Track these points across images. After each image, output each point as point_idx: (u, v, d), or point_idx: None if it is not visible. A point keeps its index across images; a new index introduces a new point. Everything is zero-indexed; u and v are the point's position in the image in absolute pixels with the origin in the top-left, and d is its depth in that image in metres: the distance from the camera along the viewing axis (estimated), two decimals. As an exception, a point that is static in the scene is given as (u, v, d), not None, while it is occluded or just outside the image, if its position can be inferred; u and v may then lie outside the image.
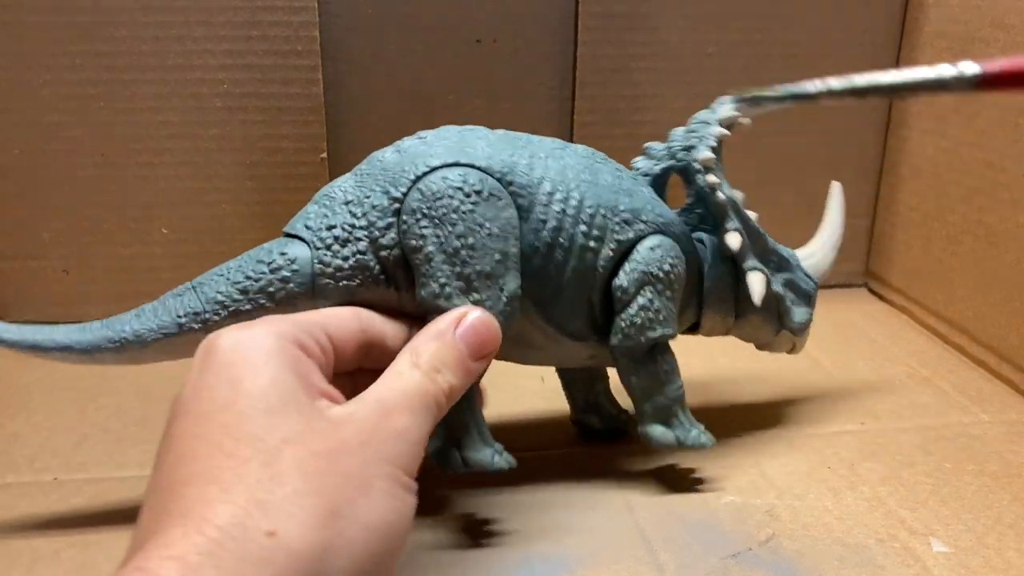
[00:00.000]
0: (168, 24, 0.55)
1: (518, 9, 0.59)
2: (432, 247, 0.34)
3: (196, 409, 0.27)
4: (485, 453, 0.35)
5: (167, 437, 0.27)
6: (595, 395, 0.45)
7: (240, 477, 0.24)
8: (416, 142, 0.36)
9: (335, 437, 0.27)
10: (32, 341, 0.36)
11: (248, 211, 0.59)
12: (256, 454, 0.25)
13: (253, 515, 0.23)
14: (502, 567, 0.35)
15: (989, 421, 0.49)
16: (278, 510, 0.24)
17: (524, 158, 0.36)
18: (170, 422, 0.28)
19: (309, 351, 0.30)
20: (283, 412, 0.26)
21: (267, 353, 0.28)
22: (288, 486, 0.25)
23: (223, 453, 0.25)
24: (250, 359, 0.28)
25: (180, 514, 0.23)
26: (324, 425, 0.27)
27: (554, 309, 0.37)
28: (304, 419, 0.27)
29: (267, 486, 0.24)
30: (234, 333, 0.29)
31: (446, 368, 0.31)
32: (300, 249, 0.35)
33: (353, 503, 0.26)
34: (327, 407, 0.28)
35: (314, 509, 0.25)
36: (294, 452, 0.26)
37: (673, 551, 0.36)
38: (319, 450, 0.26)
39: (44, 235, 0.59)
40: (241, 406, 0.26)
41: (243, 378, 0.27)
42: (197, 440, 0.26)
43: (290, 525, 0.24)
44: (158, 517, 0.24)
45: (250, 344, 0.28)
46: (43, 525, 0.38)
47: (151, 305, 0.36)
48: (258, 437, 0.26)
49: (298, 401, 0.27)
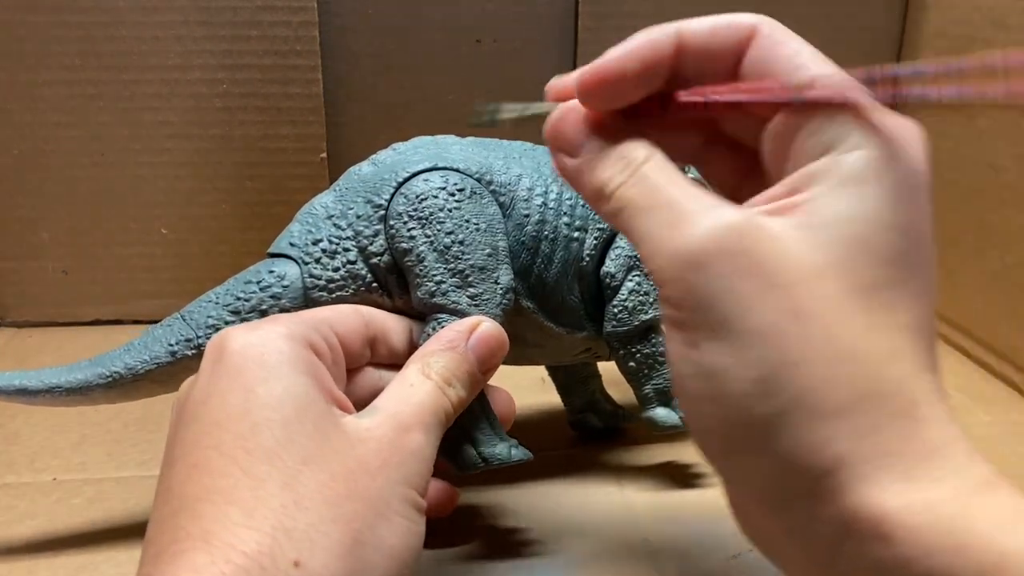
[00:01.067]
0: (168, 24, 0.55)
1: (518, 9, 0.59)
2: (423, 247, 0.34)
3: (208, 417, 0.26)
4: (502, 447, 0.35)
5: (177, 442, 0.27)
6: (591, 393, 0.45)
7: (261, 500, 0.24)
8: (391, 153, 0.37)
9: (354, 457, 0.26)
10: (19, 386, 0.35)
11: (248, 211, 0.59)
12: (275, 473, 0.25)
13: (280, 543, 0.23)
14: (502, 568, 0.35)
15: (990, 422, 0.49)
16: (302, 539, 0.24)
17: (499, 159, 0.37)
18: (178, 424, 0.28)
19: (320, 352, 0.29)
20: (299, 423, 0.26)
21: (280, 357, 0.27)
22: (312, 512, 0.24)
23: (240, 469, 0.25)
24: (263, 364, 0.27)
25: (202, 536, 0.23)
26: (343, 442, 0.27)
27: (546, 303, 0.38)
28: (322, 434, 0.26)
29: (291, 512, 0.24)
30: (244, 335, 0.28)
31: (457, 381, 0.31)
32: (288, 267, 0.35)
33: (374, 529, 0.25)
34: (341, 417, 0.28)
35: (337, 537, 0.24)
36: (314, 474, 0.25)
37: (673, 552, 0.36)
38: (339, 472, 0.26)
39: (43, 235, 0.59)
40: (256, 417, 0.26)
41: (256, 385, 0.26)
42: (210, 451, 0.25)
43: (314, 554, 0.24)
44: (174, 534, 0.24)
45: (262, 348, 0.28)
46: (42, 525, 0.38)
47: (139, 339, 0.36)
48: (275, 453, 0.25)
49: (314, 410, 0.27)
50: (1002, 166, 0.53)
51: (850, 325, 0.23)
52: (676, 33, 0.26)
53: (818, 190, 0.23)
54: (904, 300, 0.24)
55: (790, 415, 0.22)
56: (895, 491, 0.22)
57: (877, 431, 0.22)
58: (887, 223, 0.23)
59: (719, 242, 0.23)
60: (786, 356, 0.22)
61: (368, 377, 0.33)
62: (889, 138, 0.24)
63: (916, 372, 0.23)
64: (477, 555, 0.36)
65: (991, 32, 0.53)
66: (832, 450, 0.22)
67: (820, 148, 0.24)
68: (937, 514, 0.21)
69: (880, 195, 0.23)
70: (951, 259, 0.59)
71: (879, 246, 0.23)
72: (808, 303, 0.23)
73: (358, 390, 0.33)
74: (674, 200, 0.24)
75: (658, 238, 0.24)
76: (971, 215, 0.56)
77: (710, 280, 0.23)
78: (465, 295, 0.34)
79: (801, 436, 0.22)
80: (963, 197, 0.57)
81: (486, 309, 0.35)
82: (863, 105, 0.24)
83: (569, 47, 0.60)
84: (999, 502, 0.21)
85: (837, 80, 0.24)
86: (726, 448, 0.25)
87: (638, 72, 0.25)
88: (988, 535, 0.20)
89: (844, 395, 0.22)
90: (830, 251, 0.23)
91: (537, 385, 0.51)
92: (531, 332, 0.38)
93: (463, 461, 0.35)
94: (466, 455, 0.34)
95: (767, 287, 0.23)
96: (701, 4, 0.60)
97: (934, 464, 0.22)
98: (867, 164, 0.23)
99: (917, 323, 0.24)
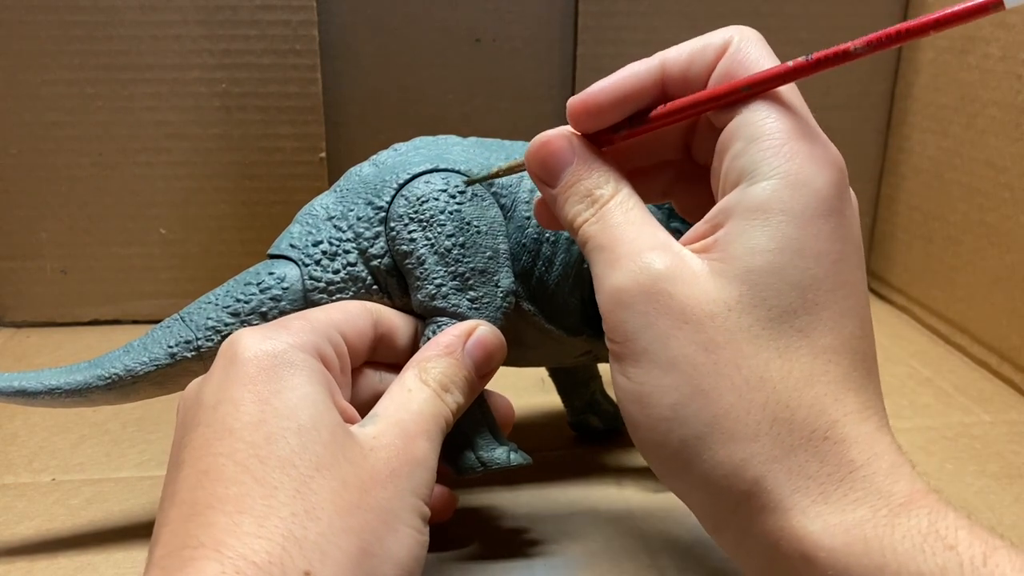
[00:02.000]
0: (167, 24, 0.55)
1: (518, 9, 0.59)
2: (424, 249, 0.34)
3: (219, 423, 0.26)
4: (501, 451, 0.35)
5: (187, 446, 0.27)
6: (591, 394, 0.45)
7: (272, 509, 0.24)
8: (392, 154, 0.37)
9: (365, 466, 0.27)
10: (19, 387, 0.35)
11: (247, 211, 0.59)
12: (287, 481, 0.25)
13: (290, 553, 0.23)
14: (502, 569, 0.35)
15: (991, 421, 0.48)
16: (313, 549, 0.24)
17: (501, 160, 0.37)
18: (186, 427, 0.27)
19: (329, 363, 0.30)
20: (314, 432, 0.26)
21: (292, 369, 0.28)
22: (323, 522, 0.24)
23: (252, 478, 0.25)
24: (277, 374, 0.27)
25: (212, 545, 0.23)
26: (354, 451, 0.27)
27: (547, 306, 0.37)
28: (336, 443, 0.26)
29: (302, 521, 0.24)
30: (258, 343, 0.28)
31: (455, 387, 0.31)
32: (288, 268, 0.35)
33: (383, 540, 0.26)
34: (349, 427, 0.28)
35: (348, 548, 0.24)
36: (327, 481, 0.25)
37: (673, 553, 0.36)
38: (351, 481, 0.26)
39: (42, 235, 0.58)
40: (271, 427, 0.26)
41: (271, 396, 0.27)
42: (222, 458, 0.25)
43: (325, 565, 0.24)
44: (184, 540, 0.24)
45: (275, 358, 0.28)
46: (41, 526, 0.38)
47: (139, 340, 0.36)
48: (289, 462, 0.25)
49: (327, 420, 0.27)
50: (1002, 166, 0.53)
51: (761, 353, 0.24)
52: (659, 64, 0.28)
53: (730, 225, 0.25)
54: (823, 323, 0.24)
55: (706, 439, 0.24)
56: (814, 514, 0.23)
57: (792, 454, 0.23)
58: (795, 250, 0.24)
59: (641, 284, 0.25)
60: (698, 384, 0.24)
61: (368, 380, 0.33)
62: (797, 166, 0.25)
63: (837, 393, 0.24)
64: (477, 555, 0.36)
65: (991, 32, 0.53)
66: (750, 473, 0.23)
67: (735, 176, 0.25)
68: (854, 536, 0.22)
69: (786, 223, 0.24)
70: (952, 259, 0.59)
71: (789, 274, 0.24)
72: (718, 336, 0.24)
73: (358, 393, 0.33)
74: (618, 241, 0.26)
75: (601, 276, 0.26)
76: (971, 215, 0.56)
77: (633, 316, 0.25)
78: (465, 298, 0.34)
79: (718, 459, 0.24)
80: (963, 197, 0.57)
81: (486, 312, 0.34)
82: (785, 119, 0.25)
83: (569, 47, 0.60)
84: (916, 523, 0.22)
85: (770, 71, 0.26)
86: (662, 469, 0.27)
87: (618, 100, 0.28)
88: (904, 555, 0.21)
89: (755, 419, 0.23)
90: (742, 284, 0.24)
91: (537, 386, 0.51)
92: (531, 334, 0.38)
93: (462, 465, 0.34)
94: (465, 459, 0.34)
95: (680, 323, 0.24)
96: (701, 3, 0.60)
97: (853, 485, 0.23)
98: (771, 194, 0.24)
99: (840, 345, 0.25)
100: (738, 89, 0.26)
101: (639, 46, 0.60)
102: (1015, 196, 0.52)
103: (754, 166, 0.25)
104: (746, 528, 0.24)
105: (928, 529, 0.22)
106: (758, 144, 0.25)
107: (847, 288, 0.25)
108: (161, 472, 0.42)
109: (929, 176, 0.61)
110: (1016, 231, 0.52)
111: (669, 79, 0.28)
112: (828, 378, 0.24)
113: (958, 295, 0.58)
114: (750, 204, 0.25)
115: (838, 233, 0.25)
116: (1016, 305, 0.52)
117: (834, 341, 0.24)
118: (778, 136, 0.25)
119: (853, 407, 0.24)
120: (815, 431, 0.23)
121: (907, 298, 0.65)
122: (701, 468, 0.24)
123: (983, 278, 0.55)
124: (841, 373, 0.24)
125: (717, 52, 0.27)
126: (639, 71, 0.28)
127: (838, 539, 0.22)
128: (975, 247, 0.56)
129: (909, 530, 0.22)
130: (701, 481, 0.25)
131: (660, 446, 0.25)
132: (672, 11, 0.60)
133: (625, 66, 0.28)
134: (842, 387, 0.24)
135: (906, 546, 0.21)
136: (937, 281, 0.61)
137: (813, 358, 0.24)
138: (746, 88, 0.26)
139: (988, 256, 0.55)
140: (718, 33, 0.28)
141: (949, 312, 0.59)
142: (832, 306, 0.25)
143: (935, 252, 0.61)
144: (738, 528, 0.25)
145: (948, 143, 0.59)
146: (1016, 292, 0.52)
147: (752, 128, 0.25)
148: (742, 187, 0.25)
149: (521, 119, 0.61)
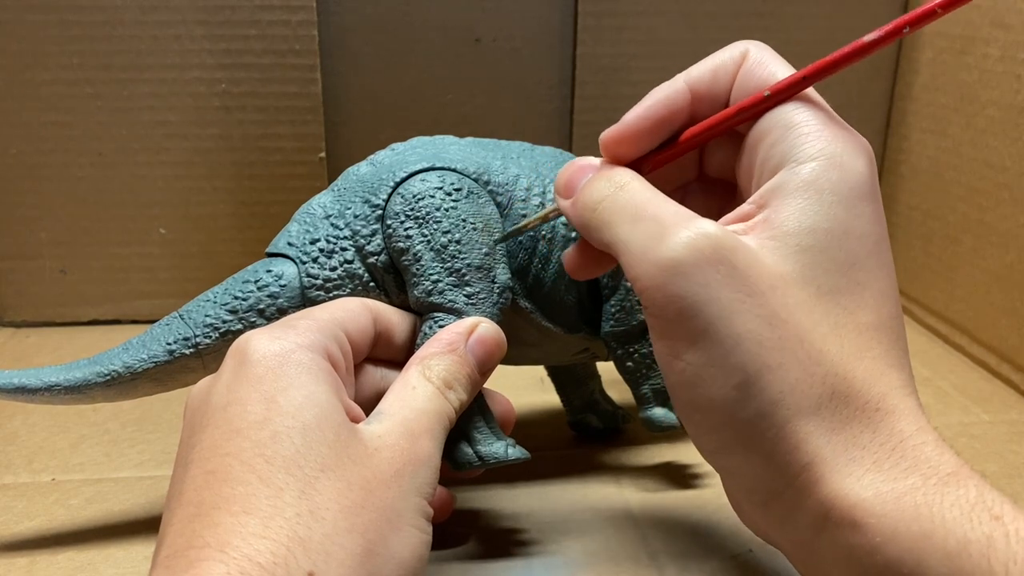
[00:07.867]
0: (166, 23, 0.55)
1: (518, 9, 0.59)
2: (420, 246, 0.34)
3: (227, 423, 0.26)
4: (499, 446, 0.35)
5: (193, 445, 0.27)
6: (590, 393, 0.45)
7: (278, 509, 0.24)
8: (389, 153, 0.37)
9: (370, 465, 0.27)
10: (18, 384, 0.35)
11: (246, 211, 0.59)
12: (292, 481, 0.25)
13: (295, 554, 0.23)
14: (501, 568, 0.35)
15: (990, 421, 0.49)
16: (317, 550, 0.24)
17: (497, 159, 0.37)
18: (194, 427, 0.28)
19: (335, 362, 0.30)
20: (319, 431, 0.26)
21: (300, 368, 0.28)
22: (327, 523, 0.24)
23: (258, 477, 0.25)
24: (284, 374, 0.27)
25: (218, 546, 0.23)
26: (359, 451, 0.27)
27: (544, 303, 0.38)
28: (341, 442, 0.26)
29: (306, 521, 0.24)
30: (267, 343, 0.28)
31: (458, 384, 0.31)
32: (286, 266, 0.35)
33: (387, 540, 0.26)
34: (354, 426, 0.28)
35: (352, 548, 0.24)
36: (332, 482, 0.25)
37: (673, 553, 0.36)
38: (356, 480, 0.26)
39: (41, 235, 0.58)
40: (276, 426, 0.26)
41: (277, 394, 0.27)
42: (229, 459, 0.25)
43: (329, 566, 0.24)
44: (190, 540, 0.24)
45: (283, 358, 0.28)
46: (41, 526, 0.38)
47: (138, 338, 0.36)
48: (294, 461, 0.25)
49: (333, 419, 0.27)
50: (1001, 166, 0.53)
51: (819, 328, 0.24)
52: (685, 85, 0.28)
53: (779, 204, 0.25)
54: (865, 302, 0.25)
55: (771, 417, 0.24)
56: (866, 482, 0.23)
57: (848, 426, 0.24)
58: (844, 231, 0.25)
59: (701, 252, 0.24)
60: (765, 361, 0.24)
61: (369, 377, 0.33)
62: (840, 149, 0.25)
63: (883, 368, 0.25)
64: (476, 555, 0.36)
65: (990, 32, 0.53)
66: (809, 447, 0.24)
67: (776, 162, 0.26)
68: (905, 503, 0.22)
69: (836, 203, 0.25)
70: (951, 259, 0.59)
71: (837, 254, 0.25)
72: (781, 309, 0.24)
73: (361, 390, 0.33)
74: (658, 213, 0.26)
75: (642, 248, 0.25)
76: (970, 215, 0.56)
77: (692, 287, 0.24)
78: (462, 294, 0.34)
79: (781, 436, 0.24)
80: (962, 197, 0.57)
81: (483, 308, 0.35)
82: (816, 104, 0.27)
83: (569, 47, 0.60)
84: (964, 492, 0.22)
85: (794, 79, 0.27)
86: (715, 448, 0.26)
87: (653, 127, 0.28)
88: (952, 523, 0.21)
89: (817, 394, 0.24)
90: (796, 261, 0.25)
91: (536, 385, 0.51)
92: (529, 332, 0.38)
93: (460, 459, 0.34)
94: (463, 453, 0.34)
95: (744, 295, 0.24)
96: (700, 3, 0.60)
97: (904, 455, 0.23)
98: (820, 174, 0.25)
99: (880, 323, 0.25)
100: (763, 99, 0.27)
101: (639, 46, 0.60)
102: (1014, 196, 0.52)
103: (797, 149, 0.26)
104: (798, 501, 0.24)
105: (976, 499, 0.22)
106: (797, 130, 0.26)
107: (885, 270, 0.26)
108: (161, 472, 0.43)
109: (928, 176, 0.61)
110: (1015, 231, 0.52)
111: (696, 98, 0.28)
112: (873, 354, 0.25)
113: (957, 295, 0.58)
114: (799, 183, 0.25)
115: (877, 215, 0.26)
116: (1015, 305, 0.52)
117: (875, 320, 0.25)
118: (815, 122, 0.26)
119: (897, 382, 0.25)
120: (867, 402, 0.24)
121: (906, 298, 0.65)
122: (764, 445, 0.24)
123: (982, 278, 0.55)
124: (883, 350, 0.25)
125: (736, 65, 0.28)
126: (669, 95, 0.28)
127: (889, 506, 0.22)
128: (974, 247, 0.56)
129: (958, 499, 0.22)
130: (762, 458, 0.24)
131: (721, 427, 0.25)
132: (672, 11, 0.60)
133: (649, 93, 0.29)
134: (885, 363, 0.25)
135: (954, 514, 0.22)
136: (936, 281, 0.61)
137: (858, 335, 0.25)
138: (770, 94, 0.27)
139: (987, 256, 0.55)
140: (732, 48, 0.28)
141: (948, 312, 0.59)
142: (873, 285, 0.25)
143: (934, 252, 0.61)
144: (791, 501, 0.24)
145: (947, 143, 0.59)
146: (1015, 292, 0.52)
147: (787, 117, 0.26)
148: (787, 169, 0.26)
149: (521, 119, 0.61)
